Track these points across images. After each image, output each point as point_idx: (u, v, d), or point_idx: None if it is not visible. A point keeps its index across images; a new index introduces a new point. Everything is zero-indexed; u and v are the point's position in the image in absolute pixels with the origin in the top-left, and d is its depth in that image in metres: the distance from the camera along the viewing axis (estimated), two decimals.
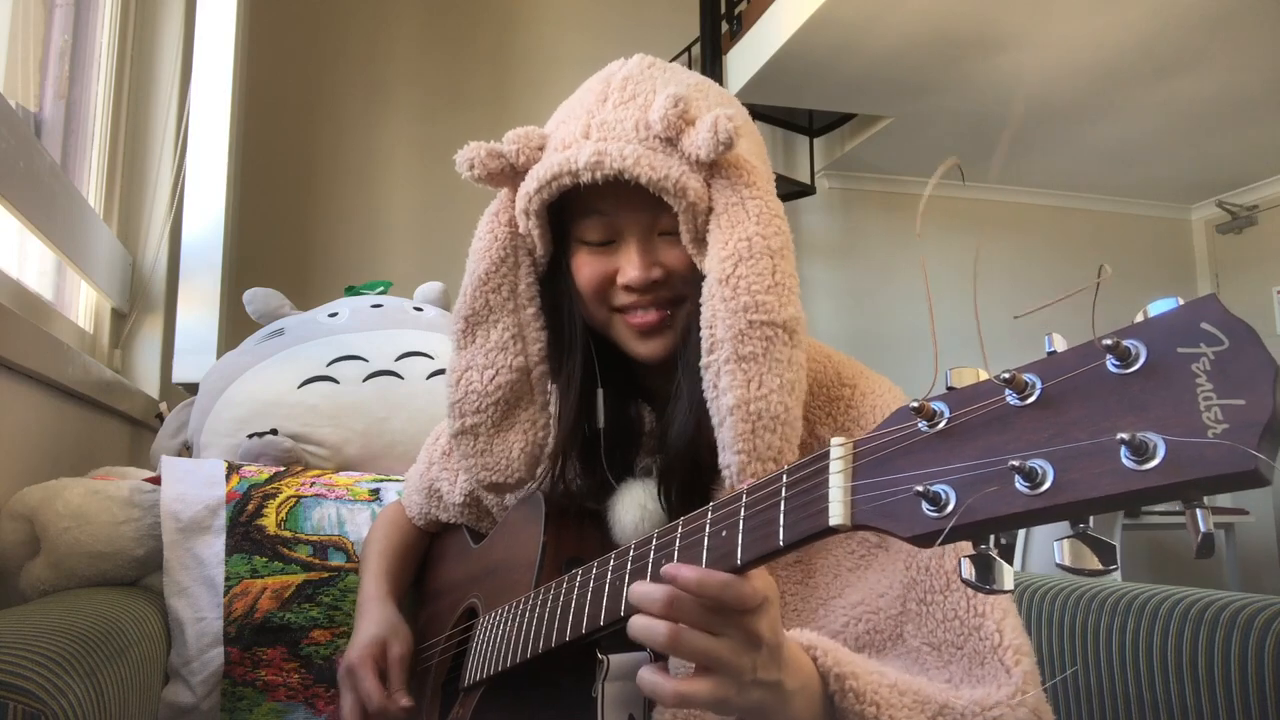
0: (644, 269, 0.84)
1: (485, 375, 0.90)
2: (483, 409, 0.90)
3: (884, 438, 0.49)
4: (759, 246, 0.78)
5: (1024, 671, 0.69)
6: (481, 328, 0.90)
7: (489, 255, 0.89)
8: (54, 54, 1.89)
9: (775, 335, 0.77)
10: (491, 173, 0.86)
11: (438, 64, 3.89)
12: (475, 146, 0.86)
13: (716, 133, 0.76)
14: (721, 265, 0.78)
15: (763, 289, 0.77)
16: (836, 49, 3.49)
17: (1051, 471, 0.41)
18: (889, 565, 0.79)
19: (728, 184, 0.80)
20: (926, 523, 0.45)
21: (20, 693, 0.72)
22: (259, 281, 1.96)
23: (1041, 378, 0.43)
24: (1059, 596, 1.26)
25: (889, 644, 0.77)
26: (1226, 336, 0.38)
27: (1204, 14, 3.22)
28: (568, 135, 0.83)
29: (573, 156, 0.80)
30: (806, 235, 4.67)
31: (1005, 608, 0.74)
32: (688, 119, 0.79)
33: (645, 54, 0.91)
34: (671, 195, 0.79)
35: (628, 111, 0.82)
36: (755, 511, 0.58)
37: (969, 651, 0.72)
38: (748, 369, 0.76)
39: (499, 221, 0.90)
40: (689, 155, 0.79)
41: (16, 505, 1.24)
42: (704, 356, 0.78)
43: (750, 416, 0.76)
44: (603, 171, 0.79)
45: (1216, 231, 5.20)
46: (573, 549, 0.90)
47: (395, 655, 1.02)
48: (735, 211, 0.79)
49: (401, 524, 1.22)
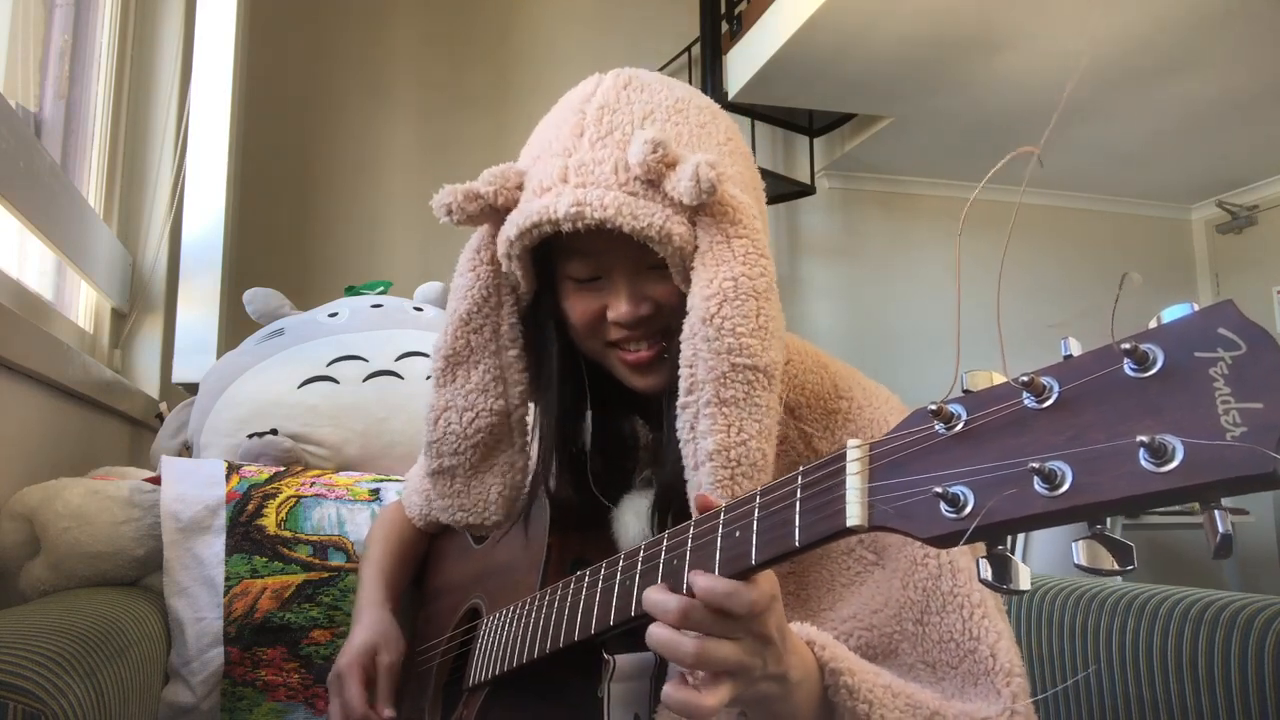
0: (633, 305, 0.82)
1: (465, 418, 0.87)
2: (460, 451, 0.88)
3: (901, 440, 0.49)
4: (745, 288, 0.75)
5: (1013, 692, 0.70)
6: (462, 368, 0.87)
7: (470, 295, 0.87)
8: (54, 54, 1.88)
9: (756, 380, 0.75)
10: (470, 215, 0.83)
11: (438, 63, 3.89)
12: (451, 190, 0.82)
13: (699, 181, 0.73)
14: (706, 304, 0.75)
15: (747, 331, 0.75)
16: (836, 49, 3.49)
17: (1070, 473, 0.41)
18: (885, 583, 0.79)
19: (713, 222, 0.77)
20: (945, 524, 0.45)
21: (20, 693, 0.72)
22: (259, 281, 1.95)
23: (1059, 381, 0.43)
24: (1059, 596, 1.26)
25: (882, 659, 0.77)
26: (1244, 341, 0.39)
27: (1204, 14, 3.22)
28: (545, 176, 0.80)
29: (551, 205, 0.77)
30: (806, 235, 4.66)
31: (1000, 630, 0.74)
32: (668, 162, 0.76)
33: (623, 68, 0.87)
34: (656, 243, 0.77)
35: (605, 151, 0.79)
36: (770, 512, 0.58)
37: (963, 671, 0.73)
38: (729, 414, 0.75)
39: (480, 259, 0.87)
40: (671, 198, 0.76)
41: (16, 505, 1.24)
42: (682, 396, 0.76)
43: (730, 463, 0.74)
44: (584, 221, 0.76)
45: (1216, 231, 5.21)
46: (577, 550, 0.89)
47: (385, 663, 1.02)
48: (720, 250, 0.77)
49: (401, 525, 1.21)
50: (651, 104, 0.83)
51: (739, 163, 0.84)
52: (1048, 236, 4.92)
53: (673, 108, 0.83)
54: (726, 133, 0.85)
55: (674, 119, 0.82)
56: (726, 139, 0.85)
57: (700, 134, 0.82)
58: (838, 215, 4.75)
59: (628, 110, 0.82)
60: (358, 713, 0.96)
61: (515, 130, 0.89)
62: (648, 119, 0.81)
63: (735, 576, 0.60)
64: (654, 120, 0.81)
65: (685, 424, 0.76)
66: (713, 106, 0.87)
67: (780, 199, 4.32)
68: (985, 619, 0.73)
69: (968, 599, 0.74)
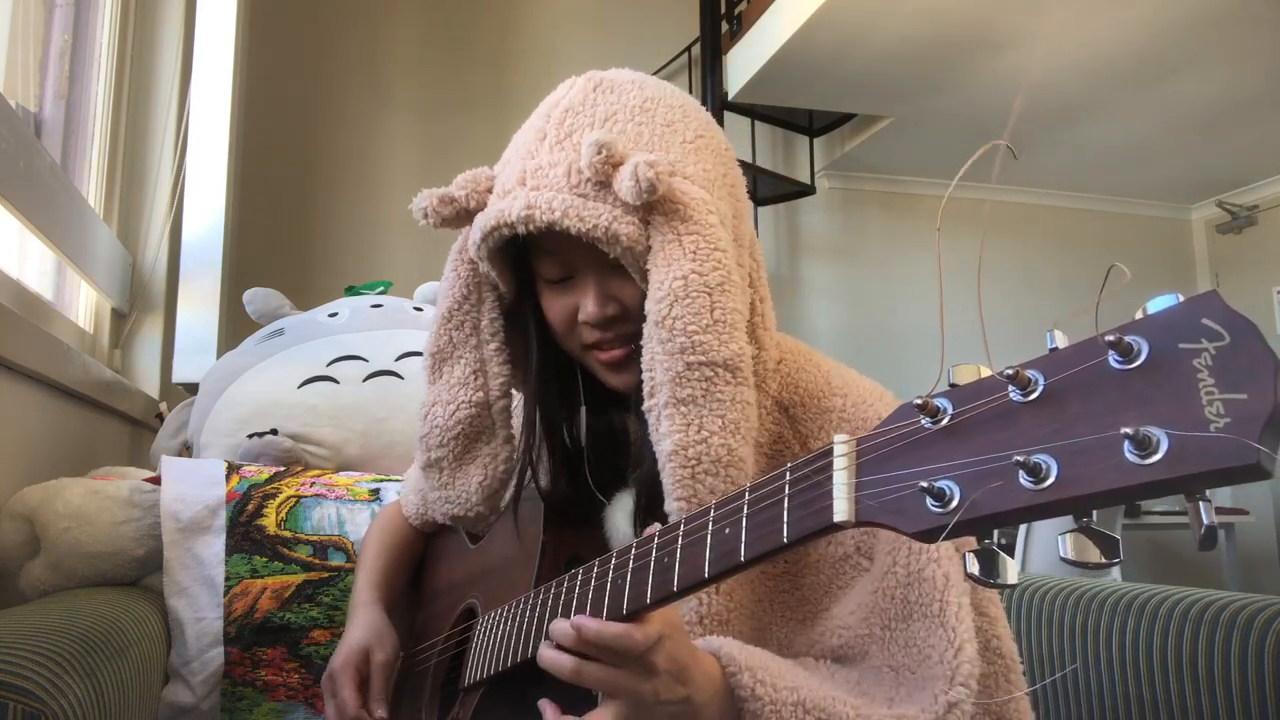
0: (599, 305, 0.83)
1: (447, 410, 0.91)
2: (444, 443, 0.92)
3: (887, 435, 0.49)
4: (695, 285, 0.76)
5: (949, 701, 0.70)
6: (446, 364, 0.92)
7: (451, 294, 0.91)
8: (54, 54, 1.89)
9: (715, 375, 0.76)
10: (446, 218, 0.87)
11: (437, 63, 3.89)
12: (427, 195, 0.86)
13: (638, 181, 0.74)
14: (658, 307, 0.77)
15: (700, 328, 0.75)
16: (836, 49, 3.49)
17: (1055, 466, 0.41)
18: (862, 588, 0.80)
19: (664, 221, 0.78)
20: (931, 518, 0.45)
21: (20, 693, 0.72)
22: (259, 281, 1.96)
23: (1044, 374, 0.43)
24: (1059, 596, 1.26)
25: (858, 659, 0.78)
26: (1228, 332, 0.39)
27: (1204, 14, 3.22)
28: (508, 180, 0.83)
29: (507, 208, 0.80)
30: (806, 235, 4.67)
31: (962, 640, 0.73)
32: (614, 163, 0.77)
33: (596, 70, 0.89)
34: (604, 243, 0.78)
35: (562, 154, 0.81)
36: (759, 509, 0.58)
37: (920, 676, 0.73)
38: (686, 412, 0.76)
39: (461, 260, 0.91)
40: (621, 198, 0.78)
41: (16, 505, 1.24)
42: (646, 400, 0.78)
43: (690, 461, 0.75)
44: (534, 224, 0.79)
45: (1216, 231, 5.20)
46: (572, 548, 0.90)
47: (378, 662, 1.02)
48: (671, 249, 0.77)
49: (398, 524, 1.22)
50: (616, 106, 0.84)
51: (706, 159, 0.84)
52: (1048, 236, 4.92)
53: (639, 108, 0.84)
54: (697, 130, 0.85)
55: (637, 119, 0.83)
56: (695, 136, 0.85)
57: (665, 132, 0.83)
58: (838, 215, 4.75)
59: (589, 113, 0.84)
60: (350, 713, 0.97)
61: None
62: (609, 120, 0.82)
63: (725, 574, 0.60)
64: (615, 122, 0.82)
65: (652, 427, 0.78)
66: (686, 105, 0.87)
67: (780, 199, 4.32)
68: (943, 628, 0.73)
69: (930, 609, 0.74)
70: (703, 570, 0.61)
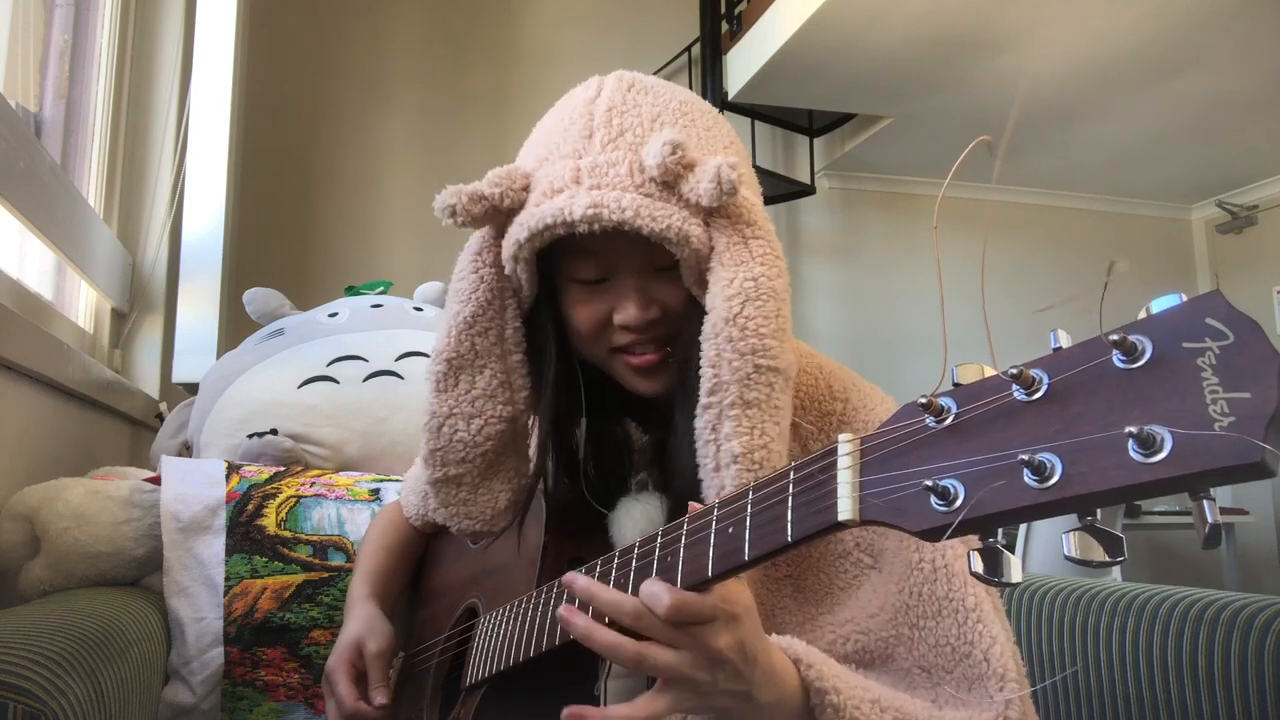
0: (642, 309, 0.81)
1: (473, 425, 0.85)
2: (469, 459, 0.86)
3: (891, 434, 0.49)
4: (765, 288, 0.75)
5: (1006, 698, 0.70)
6: (466, 373, 0.85)
7: (475, 298, 0.84)
8: (54, 54, 1.89)
9: (776, 382, 0.75)
10: (475, 217, 0.81)
11: (438, 63, 3.89)
12: (454, 191, 0.80)
13: (720, 183, 0.73)
14: (728, 304, 0.74)
15: (769, 332, 0.74)
16: (836, 49, 3.49)
17: (1060, 465, 0.41)
18: (882, 587, 0.79)
19: (728, 223, 0.77)
20: (935, 517, 0.45)
21: (20, 693, 0.72)
22: (259, 281, 1.96)
23: (1048, 373, 0.43)
24: (1059, 596, 1.26)
25: (879, 663, 0.77)
26: (1231, 331, 0.39)
27: (1204, 14, 3.22)
28: (555, 178, 0.78)
29: (565, 207, 0.76)
30: (806, 235, 4.66)
31: (995, 634, 0.73)
32: (686, 164, 0.75)
33: (623, 71, 0.87)
34: (674, 244, 0.76)
35: (618, 153, 0.78)
36: (762, 508, 0.58)
37: (958, 676, 0.72)
38: (752, 416, 0.74)
39: (483, 262, 0.85)
40: (688, 199, 0.76)
41: (16, 505, 1.24)
42: (704, 397, 0.75)
43: (754, 465, 0.74)
44: (601, 223, 0.75)
45: (1216, 231, 5.20)
46: (574, 549, 0.89)
47: (372, 652, 1.02)
48: (739, 251, 0.76)
49: (398, 524, 1.22)
50: (658, 106, 0.83)
51: (743, 165, 0.84)
52: (1048, 236, 4.92)
53: (678, 110, 0.83)
54: (729, 136, 0.86)
55: (682, 121, 0.82)
56: (730, 142, 0.85)
57: (708, 136, 0.83)
58: (838, 215, 4.75)
59: (635, 112, 0.81)
60: (348, 707, 0.97)
61: (515, 130, 0.89)
62: (656, 120, 0.81)
63: (729, 573, 0.60)
64: (663, 122, 0.81)
65: (707, 425, 0.75)
66: (713, 110, 0.87)
67: (780, 199, 4.32)
68: (980, 623, 0.73)
69: (962, 603, 0.74)
70: (706, 569, 0.60)
